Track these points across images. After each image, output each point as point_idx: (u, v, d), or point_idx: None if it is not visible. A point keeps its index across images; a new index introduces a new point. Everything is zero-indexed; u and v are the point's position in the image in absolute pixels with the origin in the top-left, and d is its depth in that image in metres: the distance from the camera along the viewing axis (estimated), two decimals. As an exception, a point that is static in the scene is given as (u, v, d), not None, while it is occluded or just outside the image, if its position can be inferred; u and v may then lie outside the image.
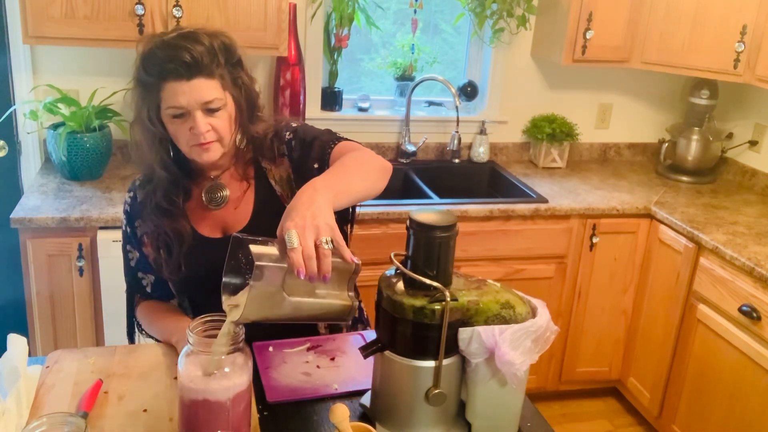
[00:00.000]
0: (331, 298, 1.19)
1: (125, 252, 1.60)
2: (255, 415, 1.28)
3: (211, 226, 1.53)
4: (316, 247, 1.08)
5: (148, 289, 1.59)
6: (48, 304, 2.33)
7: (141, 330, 1.64)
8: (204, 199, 1.53)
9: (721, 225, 2.61)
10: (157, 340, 1.58)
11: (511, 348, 1.16)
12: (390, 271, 1.25)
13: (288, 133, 1.53)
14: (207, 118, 1.39)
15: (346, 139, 1.51)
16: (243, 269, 1.17)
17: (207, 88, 1.37)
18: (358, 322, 1.73)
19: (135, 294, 1.62)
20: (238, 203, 1.53)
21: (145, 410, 1.29)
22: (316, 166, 1.46)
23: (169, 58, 1.35)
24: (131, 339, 1.67)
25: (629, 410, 3.06)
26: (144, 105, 1.41)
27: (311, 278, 1.08)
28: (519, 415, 1.29)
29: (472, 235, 2.64)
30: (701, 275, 2.52)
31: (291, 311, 1.16)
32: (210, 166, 1.50)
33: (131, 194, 1.57)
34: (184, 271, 1.50)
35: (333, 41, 2.94)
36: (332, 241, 1.10)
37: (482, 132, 3.17)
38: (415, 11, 2.99)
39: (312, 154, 1.49)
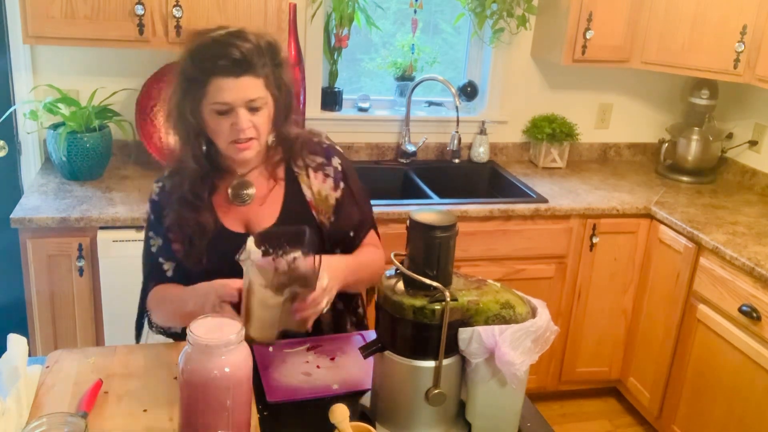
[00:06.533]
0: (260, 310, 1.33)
1: (147, 239, 1.60)
2: (255, 415, 1.28)
3: (235, 220, 1.56)
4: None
5: (169, 274, 1.58)
6: (48, 304, 2.33)
7: (151, 325, 1.64)
8: (229, 194, 1.55)
9: (721, 225, 2.61)
10: (163, 331, 1.59)
11: (511, 348, 1.16)
12: (390, 271, 1.25)
13: (337, 160, 1.62)
14: (249, 115, 1.42)
15: (375, 226, 1.72)
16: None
17: (253, 87, 1.41)
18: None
19: (150, 282, 1.61)
20: (264, 201, 1.56)
21: (145, 410, 1.29)
22: (351, 234, 1.62)
23: (220, 54, 1.38)
24: (138, 332, 1.67)
25: (629, 410, 3.06)
26: (186, 99, 1.44)
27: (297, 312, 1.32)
28: (519, 415, 1.29)
29: (472, 235, 2.64)
30: (701, 275, 2.52)
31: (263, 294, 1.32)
32: (241, 163, 1.53)
33: (160, 184, 1.59)
34: (205, 263, 1.52)
35: (333, 41, 2.94)
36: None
37: (482, 132, 3.17)
38: (415, 11, 2.99)
39: (353, 221, 1.62)
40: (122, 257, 2.29)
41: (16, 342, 1.33)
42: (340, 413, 1.14)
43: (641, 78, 3.29)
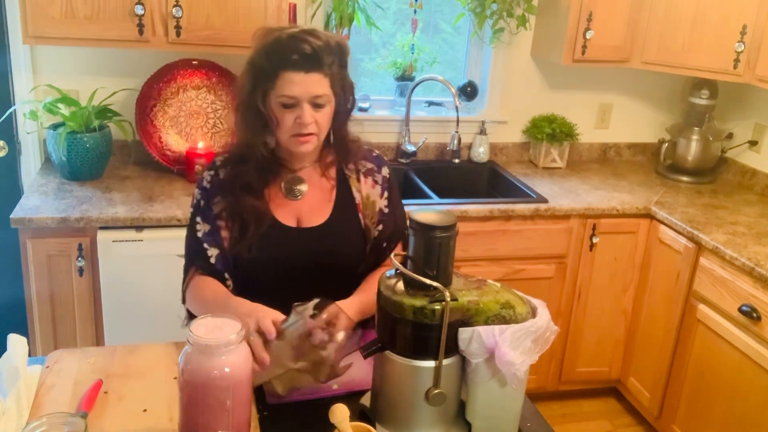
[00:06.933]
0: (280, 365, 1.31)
1: (193, 224, 1.60)
2: (255, 415, 1.28)
3: (286, 214, 1.59)
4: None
5: (212, 260, 1.57)
6: (48, 304, 2.33)
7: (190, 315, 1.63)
8: (282, 188, 1.59)
9: (721, 225, 2.61)
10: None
11: (511, 348, 1.16)
12: (390, 271, 1.25)
13: (386, 170, 1.68)
14: (312, 112, 1.48)
15: (405, 237, 1.67)
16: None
17: (319, 83, 1.47)
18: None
19: (192, 266, 1.60)
20: (315, 199, 1.60)
21: (145, 410, 1.29)
22: (384, 245, 1.64)
23: (293, 49, 1.44)
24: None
25: (629, 410, 3.06)
26: (257, 89, 1.49)
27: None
28: (519, 415, 1.29)
29: (472, 235, 2.64)
30: (701, 275, 2.52)
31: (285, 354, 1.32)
32: (298, 157, 1.58)
33: (212, 172, 1.60)
34: (255, 252, 1.53)
35: (333, 41, 2.94)
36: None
37: (482, 132, 3.17)
38: (415, 11, 2.99)
39: (388, 232, 1.65)
40: (122, 257, 2.29)
41: (16, 342, 1.33)
42: (340, 413, 1.14)
43: (641, 78, 3.29)
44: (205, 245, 1.57)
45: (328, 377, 1.30)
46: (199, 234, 1.58)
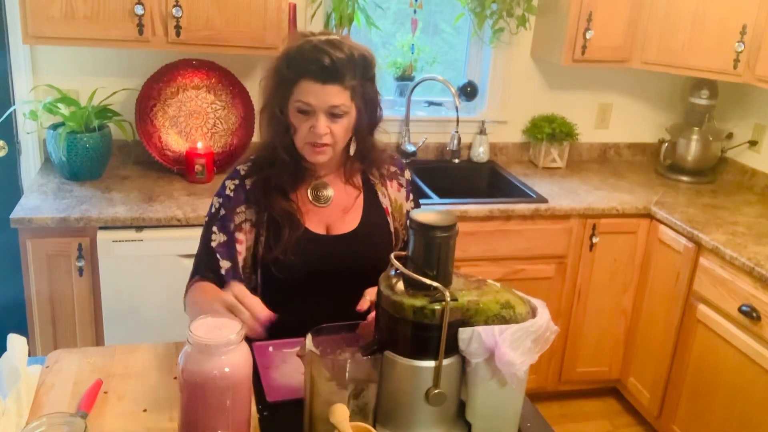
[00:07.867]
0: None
1: (207, 233, 1.56)
2: (255, 415, 1.28)
3: (315, 222, 1.59)
4: None
5: (222, 272, 1.53)
6: (48, 304, 2.33)
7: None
8: (310, 195, 1.60)
9: (721, 225, 2.61)
10: None
11: (511, 348, 1.16)
12: (390, 272, 1.25)
13: (408, 173, 1.74)
14: (328, 122, 1.48)
15: None
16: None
17: (337, 95, 1.46)
18: None
19: (197, 274, 1.54)
20: (342, 205, 1.61)
21: (145, 410, 1.29)
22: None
23: (312, 59, 1.45)
24: None
25: (629, 410, 3.06)
26: (277, 95, 1.51)
27: None
28: (519, 415, 1.29)
29: (472, 235, 2.64)
30: (701, 275, 2.52)
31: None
32: (318, 165, 1.59)
33: (236, 182, 1.59)
34: (290, 257, 1.53)
35: (333, 41, 2.94)
36: None
37: (482, 132, 3.17)
38: (415, 11, 2.99)
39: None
40: (122, 257, 2.29)
41: (16, 342, 1.33)
42: (340, 413, 1.14)
43: (641, 78, 3.29)
44: (218, 256, 1.54)
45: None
46: (213, 244, 1.54)
